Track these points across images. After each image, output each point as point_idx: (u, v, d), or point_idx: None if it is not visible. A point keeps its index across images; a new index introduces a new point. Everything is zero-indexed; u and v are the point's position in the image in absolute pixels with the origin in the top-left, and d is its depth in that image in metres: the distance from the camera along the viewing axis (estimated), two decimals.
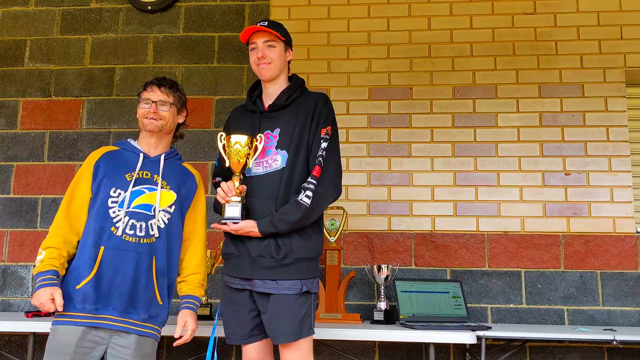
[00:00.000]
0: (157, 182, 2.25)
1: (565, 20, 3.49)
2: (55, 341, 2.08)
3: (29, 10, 3.78)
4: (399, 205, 3.39)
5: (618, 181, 3.31)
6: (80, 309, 2.08)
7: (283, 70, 2.32)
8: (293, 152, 2.20)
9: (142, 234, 2.17)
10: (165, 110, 2.30)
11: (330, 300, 3.05)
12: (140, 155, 2.28)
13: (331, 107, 2.30)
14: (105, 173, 2.21)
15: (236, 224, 2.15)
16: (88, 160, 2.27)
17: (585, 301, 3.21)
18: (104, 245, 2.13)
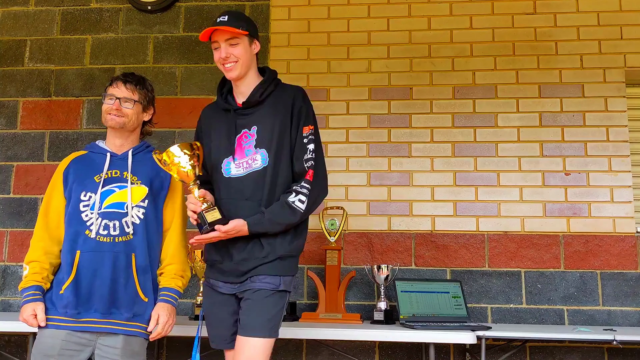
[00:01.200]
0: (127, 178, 2.23)
1: (565, 20, 3.49)
2: (40, 344, 2.09)
3: (29, 10, 3.78)
4: (399, 205, 3.39)
5: (618, 181, 3.31)
6: (62, 313, 2.10)
7: (251, 65, 2.19)
8: (275, 151, 2.12)
9: (117, 232, 2.16)
10: (129, 107, 2.26)
11: (330, 300, 3.05)
12: (107, 154, 2.27)
13: (310, 103, 2.22)
14: (75, 178, 2.22)
15: (226, 225, 2.04)
16: (58, 169, 2.28)
17: (585, 301, 3.21)
18: (80, 249, 2.13)
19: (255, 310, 2.06)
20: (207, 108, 2.34)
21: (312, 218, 3.34)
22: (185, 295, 3.34)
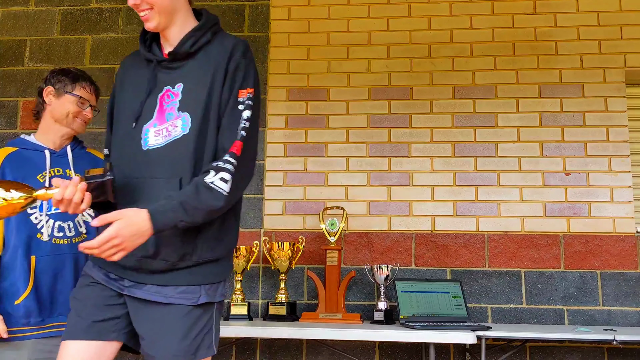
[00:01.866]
0: (71, 177, 2.11)
1: (565, 20, 3.49)
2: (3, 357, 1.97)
3: (29, 10, 3.78)
4: (399, 205, 3.39)
5: (618, 181, 3.31)
6: (24, 324, 2.00)
7: (177, 9, 1.73)
8: (201, 116, 1.63)
9: (72, 233, 2.09)
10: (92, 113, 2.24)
11: (330, 300, 3.05)
12: (46, 152, 2.12)
13: (252, 60, 1.77)
14: (13, 179, 2.01)
15: (101, 235, 1.49)
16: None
17: (585, 301, 3.21)
18: (35, 255, 2.02)
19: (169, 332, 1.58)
20: (128, 58, 1.92)
21: (312, 218, 3.36)
22: None
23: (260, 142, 3.50)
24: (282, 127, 3.51)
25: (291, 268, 3.20)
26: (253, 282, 3.36)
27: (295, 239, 3.29)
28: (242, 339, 3.25)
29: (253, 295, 3.34)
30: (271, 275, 3.35)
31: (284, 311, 3.04)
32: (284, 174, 3.47)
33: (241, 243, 3.33)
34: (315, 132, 3.49)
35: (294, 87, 3.55)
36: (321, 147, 3.48)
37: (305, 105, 3.53)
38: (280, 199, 3.44)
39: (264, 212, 3.42)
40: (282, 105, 3.54)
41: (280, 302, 3.08)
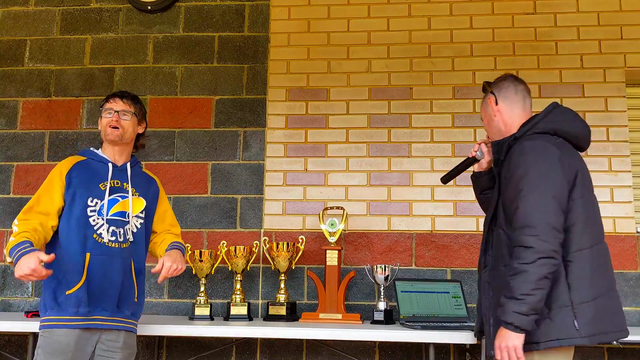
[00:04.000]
0: (127, 190, 2.40)
1: (565, 20, 3.49)
2: (54, 342, 2.21)
3: (29, 10, 3.78)
4: (399, 205, 3.39)
5: (618, 181, 3.30)
6: (73, 313, 2.22)
7: None
8: None
9: (122, 239, 2.34)
10: (127, 119, 2.42)
11: (330, 300, 3.05)
12: (110, 165, 2.40)
13: None
14: (79, 183, 2.31)
15: None
16: (58, 171, 2.35)
17: None
18: (90, 252, 2.26)
19: None
20: None
21: (312, 218, 3.36)
22: (185, 295, 3.35)
23: (261, 142, 3.50)
24: (282, 127, 3.51)
25: (291, 268, 3.20)
26: (253, 282, 3.36)
27: (295, 239, 3.29)
28: (242, 339, 3.25)
29: (253, 295, 3.34)
30: (271, 275, 3.35)
31: (284, 311, 3.04)
32: (284, 174, 3.47)
33: (241, 243, 3.33)
34: (315, 132, 3.49)
35: (294, 87, 3.55)
36: (321, 147, 3.48)
37: (305, 105, 3.53)
38: (280, 199, 3.44)
39: (264, 212, 3.42)
40: (282, 105, 3.54)
41: (280, 302, 3.08)
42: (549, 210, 1.86)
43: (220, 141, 3.52)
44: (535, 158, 1.93)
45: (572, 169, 1.94)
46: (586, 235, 1.91)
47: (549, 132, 2.03)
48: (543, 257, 1.82)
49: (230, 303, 3.08)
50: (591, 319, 1.87)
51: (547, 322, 1.86)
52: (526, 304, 1.81)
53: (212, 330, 2.81)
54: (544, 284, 1.82)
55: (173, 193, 3.48)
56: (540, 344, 1.86)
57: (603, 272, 1.94)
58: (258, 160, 3.49)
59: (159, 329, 2.79)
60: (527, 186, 1.90)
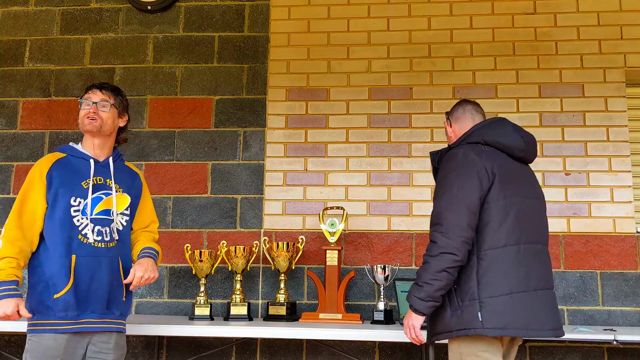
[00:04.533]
0: (110, 186, 2.33)
1: (565, 20, 3.49)
2: (42, 347, 2.16)
3: (29, 10, 3.78)
4: (399, 205, 3.39)
5: (618, 181, 3.30)
6: (61, 317, 2.17)
7: None
8: None
9: (108, 238, 2.28)
10: (105, 110, 2.34)
11: (330, 300, 3.05)
12: (91, 161, 2.32)
13: None
14: (61, 182, 2.24)
15: None
16: (38, 171, 2.26)
17: (585, 301, 3.21)
18: (75, 253, 2.20)
19: None
20: None
21: (312, 218, 3.36)
22: (185, 295, 3.35)
23: (261, 142, 3.51)
24: (282, 127, 3.51)
25: (291, 268, 3.20)
26: (253, 282, 3.36)
27: (295, 239, 3.29)
28: (242, 339, 3.25)
29: (253, 295, 3.34)
30: (271, 275, 3.35)
31: (284, 311, 3.04)
32: (284, 174, 3.47)
33: (241, 243, 3.33)
34: (315, 132, 3.49)
35: (294, 87, 3.55)
36: (321, 147, 3.48)
37: (305, 105, 3.53)
38: (280, 199, 3.44)
39: (264, 212, 3.42)
40: (282, 105, 3.54)
41: (280, 302, 3.08)
42: (457, 211, 2.05)
43: (220, 141, 3.52)
44: (453, 164, 2.14)
45: (490, 175, 2.10)
46: (499, 235, 2.07)
47: (480, 142, 2.20)
48: (444, 252, 2.03)
49: (230, 303, 3.08)
50: (496, 313, 2.01)
51: (458, 314, 2.06)
52: (424, 291, 2.07)
53: (212, 330, 2.82)
54: (442, 276, 2.04)
55: (173, 193, 3.48)
56: (452, 332, 2.07)
57: (521, 271, 2.06)
58: (258, 160, 3.49)
59: (159, 329, 2.79)
60: (442, 188, 2.13)
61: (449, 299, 2.09)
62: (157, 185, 3.48)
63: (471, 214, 2.05)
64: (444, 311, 2.10)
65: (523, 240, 2.10)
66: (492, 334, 2.03)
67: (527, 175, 2.26)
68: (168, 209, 3.46)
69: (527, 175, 2.27)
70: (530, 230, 2.14)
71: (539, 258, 2.14)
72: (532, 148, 2.30)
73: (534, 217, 2.17)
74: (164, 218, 3.44)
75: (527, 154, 2.28)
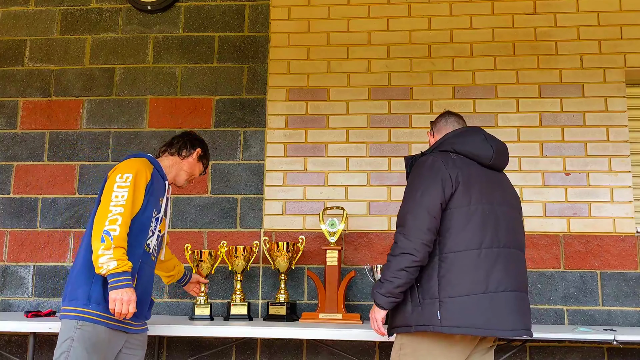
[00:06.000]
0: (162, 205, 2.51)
1: (565, 20, 3.49)
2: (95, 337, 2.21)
3: (29, 10, 3.78)
4: (398, 205, 3.36)
5: (618, 181, 3.30)
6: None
7: None
8: None
9: (156, 253, 2.52)
10: None
11: (330, 300, 3.05)
12: (166, 182, 2.52)
13: None
14: (152, 193, 2.40)
15: None
16: (143, 175, 2.36)
17: (585, 301, 3.21)
18: (142, 259, 2.37)
19: None
20: None
21: (312, 218, 3.36)
22: (185, 295, 3.34)
23: (261, 142, 3.51)
24: (282, 127, 3.51)
25: (291, 268, 3.20)
26: (253, 282, 3.36)
27: (295, 239, 3.29)
28: (242, 339, 3.25)
29: (253, 295, 3.34)
30: (271, 275, 3.35)
31: (284, 311, 3.04)
32: (284, 174, 3.47)
33: (241, 243, 3.33)
34: (315, 132, 3.49)
35: (294, 87, 3.55)
36: (321, 147, 3.48)
37: (305, 105, 3.53)
38: (280, 199, 3.44)
39: (264, 212, 3.42)
40: (282, 105, 3.54)
41: (280, 302, 3.08)
42: (418, 215, 2.16)
43: (220, 141, 3.52)
44: (420, 171, 2.27)
45: (454, 182, 2.19)
46: (460, 239, 2.16)
47: (450, 150, 2.30)
48: (404, 252, 2.14)
49: (230, 303, 3.08)
50: (453, 312, 2.11)
51: (418, 310, 2.16)
52: (384, 287, 2.18)
53: (212, 330, 2.81)
54: (401, 275, 2.14)
55: (173, 193, 3.46)
56: (412, 327, 2.17)
57: (480, 274, 2.13)
58: (258, 160, 3.49)
59: (159, 329, 2.79)
60: (407, 193, 2.26)
61: (411, 295, 2.19)
62: None
63: (432, 219, 2.16)
64: (405, 307, 2.20)
65: (486, 245, 2.17)
66: (448, 332, 2.12)
67: (498, 183, 2.32)
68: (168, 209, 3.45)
69: (498, 182, 2.33)
70: (496, 235, 2.19)
71: (504, 262, 2.19)
72: (502, 157, 2.36)
73: (501, 223, 2.22)
74: None
75: (497, 162, 2.34)
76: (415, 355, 2.19)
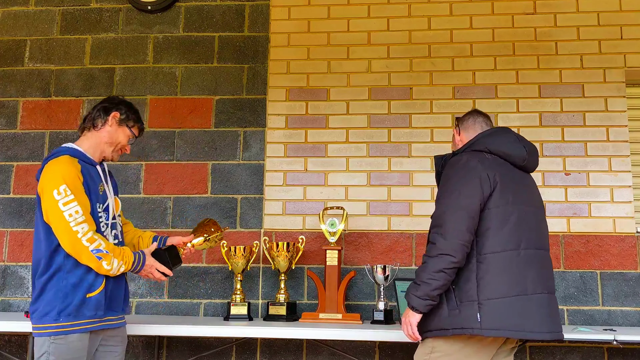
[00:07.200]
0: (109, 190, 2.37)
1: (565, 20, 3.49)
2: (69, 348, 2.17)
3: (29, 10, 3.78)
4: (399, 205, 3.39)
5: (618, 181, 3.30)
6: (90, 316, 2.21)
7: None
8: None
9: (117, 241, 2.37)
10: None
11: (330, 300, 3.05)
12: (98, 167, 2.35)
13: None
14: (88, 187, 2.25)
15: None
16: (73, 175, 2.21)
17: (585, 301, 3.21)
18: None
19: None
20: None
21: (312, 218, 3.36)
22: (185, 295, 3.34)
23: (261, 142, 3.51)
24: (282, 127, 3.51)
25: (291, 268, 3.20)
26: (253, 282, 3.36)
27: (295, 239, 3.29)
28: (242, 339, 3.25)
29: (253, 295, 3.34)
30: (271, 275, 3.35)
31: (284, 311, 3.04)
32: (284, 174, 3.47)
33: (241, 243, 3.33)
34: (315, 132, 3.49)
35: (294, 87, 3.55)
36: (321, 147, 3.48)
37: (305, 105, 3.53)
38: (280, 199, 3.44)
39: (264, 212, 3.42)
40: (282, 105, 3.54)
41: (280, 302, 3.08)
42: (457, 215, 2.11)
43: (220, 141, 3.52)
44: (456, 170, 2.21)
45: (492, 182, 2.16)
46: (498, 240, 2.12)
47: (484, 150, 2.26)
48: (442, 253, 2.08)
49: (230, 303, 3.08)
50: (494, 315, 2.07)
51: (455, 313, 2.10)
52: (421, 290, 2.10)
53: (212, 330, 2.81)
54: (439, 277, 2.08)
55: (173, 193, 3.48)
56: (449, 330, 2.11)
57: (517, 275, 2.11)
58: (258, 160, 3.49)
59: (159, 329, 2.79)
60: (444, 192, 2.19)
61: (447, 298, 2.13)
62: (157, 185, 3.48)
63: (470, 219, 2.11)
64: (441, 310, 2.14)
65: (522, 246, 2.15)
66: (488, 334, 2.08)
67: (528, 184, 2.31)
68: (168, 209, 3.46)
69: (528, 184, 2.31)
70: (529, 237, 2.18)
71: (538, 263, 2.18)
72: (534, 158, 2.34)
73: (532, 224, 2.22)
74: (164, 218, 3.45)
75: (529, 164, 2.32)
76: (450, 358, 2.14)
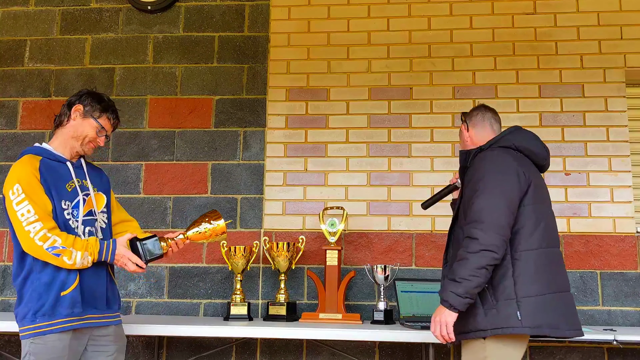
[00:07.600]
0: (87, 187, 2.33)
1: (565, 20, 3.49)
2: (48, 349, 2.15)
3: (29, 10, 3.78)
4: (399, 205, 3.39)
5: (618, 181, 3.30)
6: (67, 315, 2.17)
7: None
8: None
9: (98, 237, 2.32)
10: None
11: (330, 300, 3.05)
12: (68, 163, 2.30)
13: None
14: (50, 185, 2.20)
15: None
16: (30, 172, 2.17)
17: (585, 301, 3.21)
18: None
19: None
20: None
21: (312, 218, 3.36)
22: (185, 295, 3.34)
23: (261, 142, 3.51)
24: (282, 127, 3.51)
25: (291, 268, 3.20)
26: (253, 282, 3.36)
27: (295, 239, 3.29)
28: (242, 339, 3.25)
29: (253, 295, 3.34)
30: (271, 275, 3.35)
31: (284, 311, 3.04)
32: (284, 174, 3.47)
33: (241, 243, 3.33)
34: (315, 132, 3.49)
35: (294, 87, 3.55)
36: (321, 147, 3.48)
37: (305, 105, 3.53)
38: (280, 199, 3.44)
39: (264, 212, 3.42)
40: (282, 105, 3.54)
41: (280, 302, 3.08)
42: (498, 210, 2.07)
43: (220, 141, 3.52)
44: (492, 164, 2.17)
45: (527, 179, 2.15)
46: (534, 238, 2.11)
47: (510, 147, 2.25)
48: (485, 249, 2.03)
49: (230, 303, 3.08)
50: (533, 312, 2.04)
51: (493, 313, 2.05)
52: (462, 287, 2.03)
53: (212, 330, 2.81)
54: (481, 273, 2.02)
55: (173, 193, 3.48)
56: (487, 331, 2.05)
57: (550, 273, 2.12)
58: (258, 160, 3.49)
59: (159, 329, 2.79)
60: (482, 187, 2.12)
61: (482, 297, 2.07)
62: (157, 185, 3.48)
63: (510, 214, 2.09)
64: (476, 310, 2.08)
65: (551, 245, 2.17)
66: (529, 333, 2.05)
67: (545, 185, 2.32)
68: (168, 209, 3.46)
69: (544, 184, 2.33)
70: (552, 236, 2.20)
71: (561, 261, 2.21)
72: (549, 158, 2.36)
73: (552, 223, 2.24)
74: (164, 218, 3.45)
75: (547, 164, 2.35)
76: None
